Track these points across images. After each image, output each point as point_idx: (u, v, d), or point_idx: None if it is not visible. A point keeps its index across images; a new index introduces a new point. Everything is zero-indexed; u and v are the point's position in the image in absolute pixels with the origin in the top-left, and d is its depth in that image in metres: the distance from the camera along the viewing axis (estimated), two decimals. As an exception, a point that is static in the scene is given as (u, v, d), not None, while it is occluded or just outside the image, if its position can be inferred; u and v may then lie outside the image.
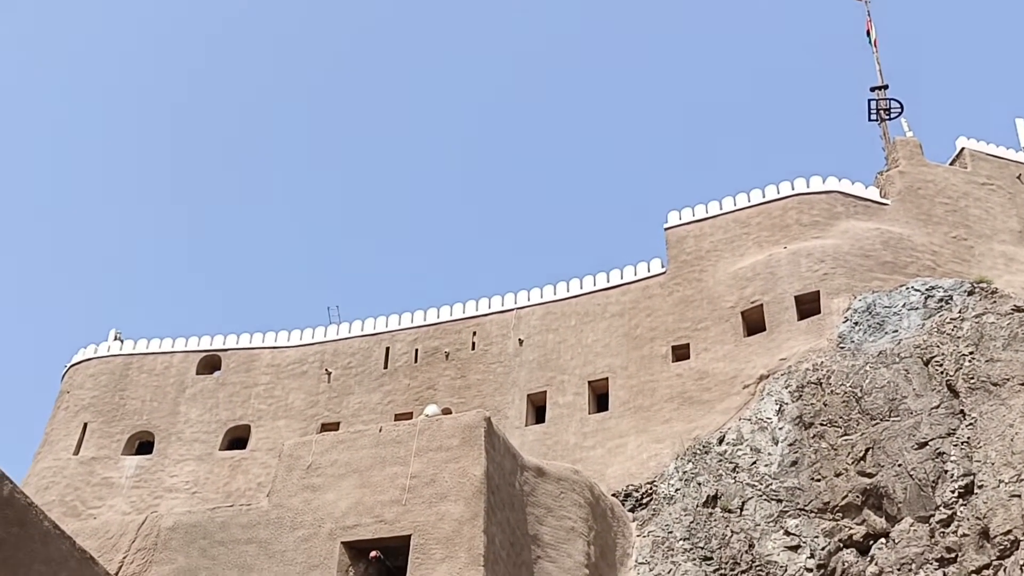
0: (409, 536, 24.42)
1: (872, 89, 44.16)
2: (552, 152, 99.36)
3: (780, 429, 30.54)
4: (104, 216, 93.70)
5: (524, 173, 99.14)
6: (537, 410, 36.96)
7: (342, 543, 24.85)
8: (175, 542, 26.19)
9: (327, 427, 37.80)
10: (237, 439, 39.48)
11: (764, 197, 38.70)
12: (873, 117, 43.43)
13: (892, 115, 43.18)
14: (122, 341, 42.84)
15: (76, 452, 38.73)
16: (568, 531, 27.58)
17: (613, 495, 30.89)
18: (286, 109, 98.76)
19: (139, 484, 36.58)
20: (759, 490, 29.57)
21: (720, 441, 31.29)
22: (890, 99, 43.39)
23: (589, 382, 36.46)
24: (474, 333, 39.51)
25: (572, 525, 27.73)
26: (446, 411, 32.37)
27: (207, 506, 28.15)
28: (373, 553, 24.76)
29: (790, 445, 30.04)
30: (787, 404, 30.96)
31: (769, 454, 30.21)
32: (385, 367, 39.71)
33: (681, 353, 35.76)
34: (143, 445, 39.61)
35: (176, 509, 28.80)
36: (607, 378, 36.19)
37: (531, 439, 35.05)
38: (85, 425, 39.72)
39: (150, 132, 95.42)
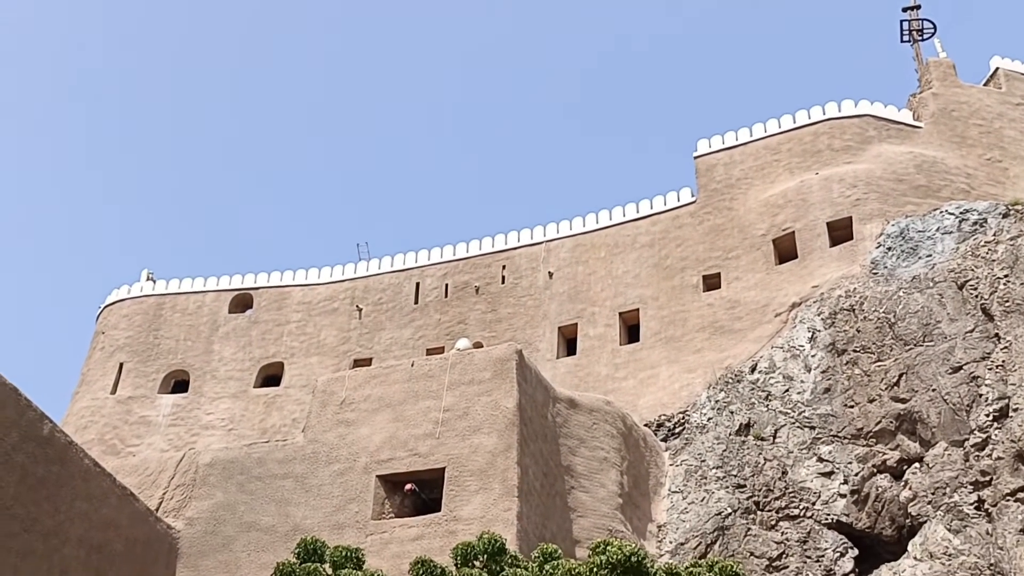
0: (443, 469, 24.61)
1: (904, 9, 43.23)
2: (581, 82, 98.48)
3: (813, 356, 30.41)
4: (135, 155, 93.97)
5: (553, 104, 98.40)
6: (568, 342, 36.98)
7: (377, 476, 25.09)
8: (213, 478, 26.54)
9: (359, 363, 38.03)
10: (271, 376, 39.81)
11: (795, 123, 38.16)
12: (905, 38, 42.58)
13: (924, 36, 42.30)
14: (154, 281, 43.11)
15: (113, 392, 39.20)
16: (601, 461, 27.71)
17: (645, 425, 30.97)
18: (311, 37, 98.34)
19: (176, 422, 37.02)
20: (792, 417, 29.54)
21: (752, 370, 31.22)
22: (922, 19, 42.48)
23: (620, 313, 36.39)
24: (504, 267, 39.45)
25: (605, 455, 27.85)
26: (477, 345, 32.46)
27: (243, 443, 28.50)
28: (408, 486, 24.99)
29: (823, 372, 29.93)
30: (820, 331, 30.79)
31: (802, 382, 30.12)
32: (416, 302, 39.80)
33: (712, 282, 35.58)
34: (178, 384, 40.03)
35: (213, 446, 29.17)
36: (638, 309, 36.10)
37: (562, 371, 35.12)
38: (121, 365, 40.16)
39: (180, 68, 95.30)
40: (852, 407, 28.99)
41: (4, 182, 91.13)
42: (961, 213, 32.21)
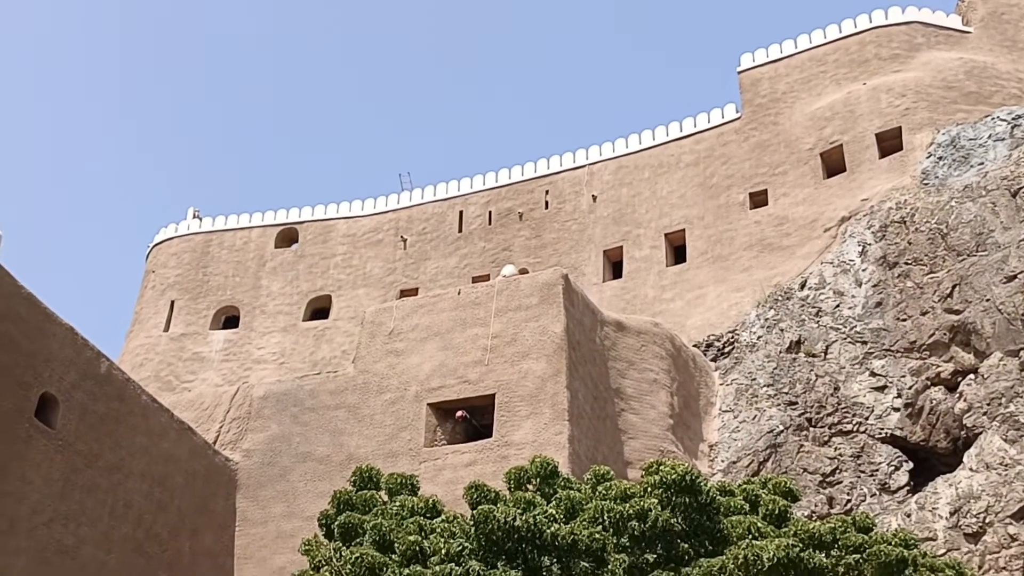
0: (493, 395, 24.74)
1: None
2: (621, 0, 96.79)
3: (863, 271, 30.05)
4: (176, 93, 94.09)
5: (593, 22, 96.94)
6: (614, 265, 36.83)
7: (428, 405, 25.27)
8: (267, 410, 26.91)
9: (406, 293, 38.19)
10: (319, 310, 40.12)
11: (840, 32, 37.31)
12: (953, -60, 41.29)
13: (973, -63, 40.98)
14: (200, 219, 43.42)
15: (166, 329, 39.73)
16: (650, 383, 27.70)
17: (694, 346, 30.88)
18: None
19: (228, 357, 37.49)
20: (843, 333, 29.30)
21: (802, 286, 30.93)
22: (971, -80, 41.12)
23: (665, 234, 36.13)
24: (547, 192, 39.24)
25: (654, 377, 27.84)
26: (522, 271, 32.39)
27: (295, 375, 28.82)
28: (459, 413, 25.17)
29: (874, 286, 29.60)
30: (870, 245, 30.38)
31: (853, 296, 29.81)
32: (460, 231, 39.76)
33: (759, 199, 35.17)
34: (229, 320, 40.47)
35: (265, 379, 29.54)
36: (684, 229, 35.81)
37: (609, 295, 35.03)
38: (172, 303, 40.64)
39: (217, 2, 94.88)
40: (904, 320, 28.68)
41: (50, 126, 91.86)
42: (1013, 119, 31.45)
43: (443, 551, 16.23)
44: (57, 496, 20.46)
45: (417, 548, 16.42)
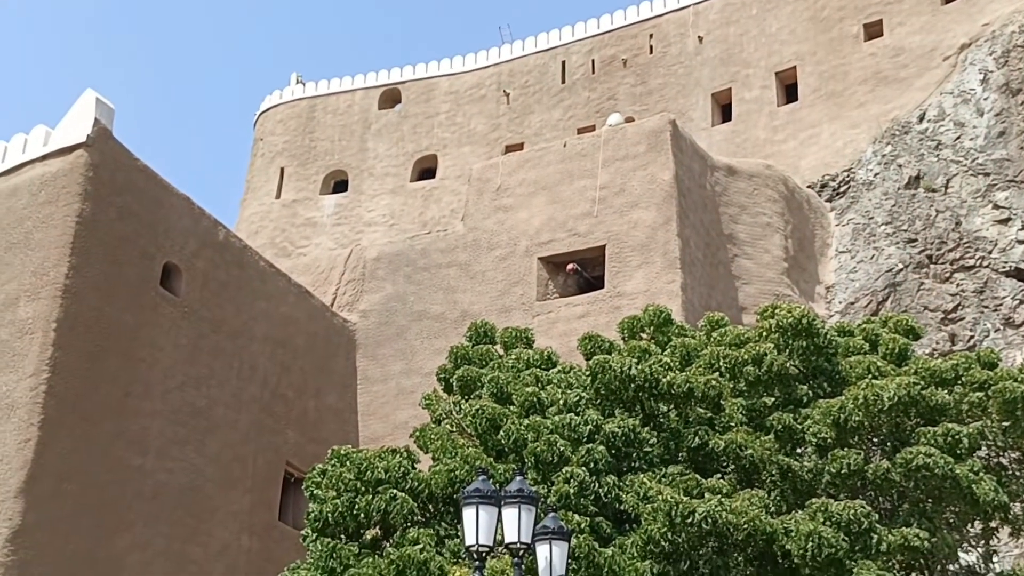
0: (603, 246, 24.63)
1: None
2: None
3: (985, 99, 28.68)
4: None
5: None
6: (723, 109, 35.86)
7: (539, 259, 25.32)
8: (381, 271, 27.32)
9: (511, 148, 37.90)
10: (426, 170, 40.19)
11: None
12: None
13: None
14: (304, 84, 43.52)
15: (278, 196, 40.36)
16: (764, 227, 27.23)
17: (808, 187, 30.13)
18: None
19: (340, 221, 38.01)
20: (964, 165, 28.20)
21: (920, 119, 29.73)
22: None
23: (776, 73, 34.89)
24: (651, 36, 38.13)
25: (767, 221, 27.34)
26: (629, 120, 31.79)
27: (405, 236, 29.08)
28: (570, 266, 25.17)
29: (996, 115, 28.27)
30: (992, 72, 28.90)
31: (974, 127, 28.56)
32: (563, 82, 39.07)
33: (873, 30, 33.58)
34: (338, 184, 40.88)
35: (377, 241, 29.90)
36: (795, 67, 34.51)
37: (718, 139, 34.23)
38: (282, 170, 41.16)
39: None
40: (1030, 150, 27.43)
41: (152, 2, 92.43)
42: None
43: (560, 401, 16.44)
44: (186, 361, 21.26)
45: (535, 399, 16.65)
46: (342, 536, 15.65)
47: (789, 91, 34.71)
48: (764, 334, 17.18)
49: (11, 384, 18.48)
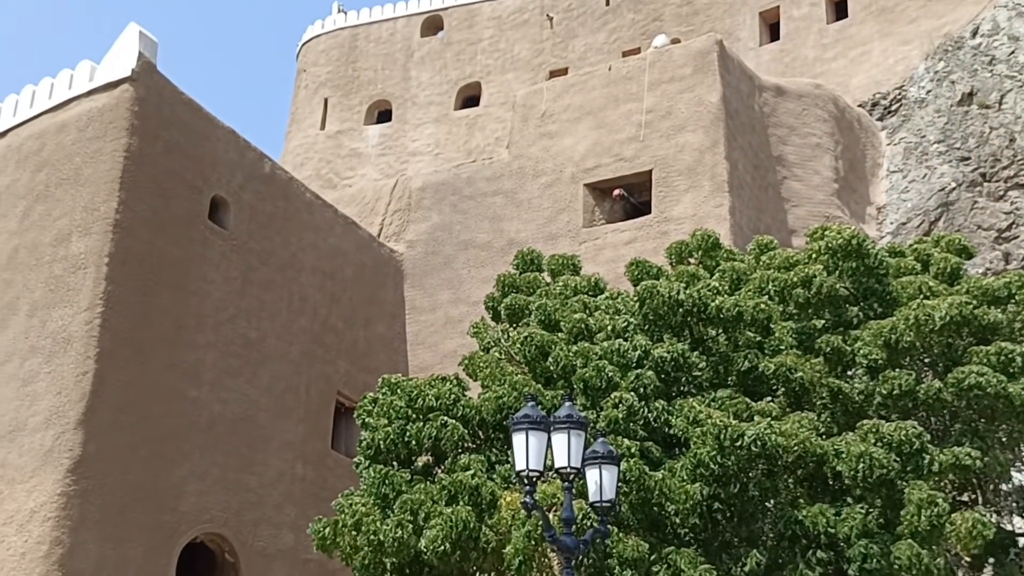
0: (650, 171, 24.41)
1: None
2: None
3: (1043, 12, 27.87)
4: None
5: None
6: (771, 27, 35.14)
7: (585, 185, 25.16)
8: (427, 201, 27.32)
9: (555, 74, 37.48)
10: (470, 98, 39.93)
11: None
12: None
13: None
14: (345, 13, 43.24)
15: (322, 128, 40.37)
16: (813, 148, 26.82)
17: (859, 106, 29.56)
18: None
19: (384, 152, 37.99)
20: (1019, 81, 27.47)
21: (974, 34, 28.94)
22: None
23: (825, -12, 34.10)
24: (695, -45, 37.34)
25: (817, 141, 26.92)
26: (674, 41, 31.26)
27: (451, 165, 29.00)
28: (616, 191, 24.99)
29: (1055, 28, 27.48)
30: (1050, -17, 28.06)
31: (1031, 41, 27.78)
32: (607, 4, 38.47)
33: (925, -57, 32.65)
34: (382, 114, 40.77)
35: (422, 171, 29.86)
36: (845, -18, 33.72)
37: (767, 59, 33.60)
38: (326, 101, 41.10)
39: None
40: (1089, 63, 26.69)
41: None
42: None
43: (609, 327, 16.44)
44: (237, 293, 21.48)
45: (583, 326, 16.68)
46: (394, 463, 15.88)
47: (839, 8, 33.89)
48: (814, 256, 17.02)
49: (67, 318, 18.80)
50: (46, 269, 19.52)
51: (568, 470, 12.04)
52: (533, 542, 13.64)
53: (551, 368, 16.11)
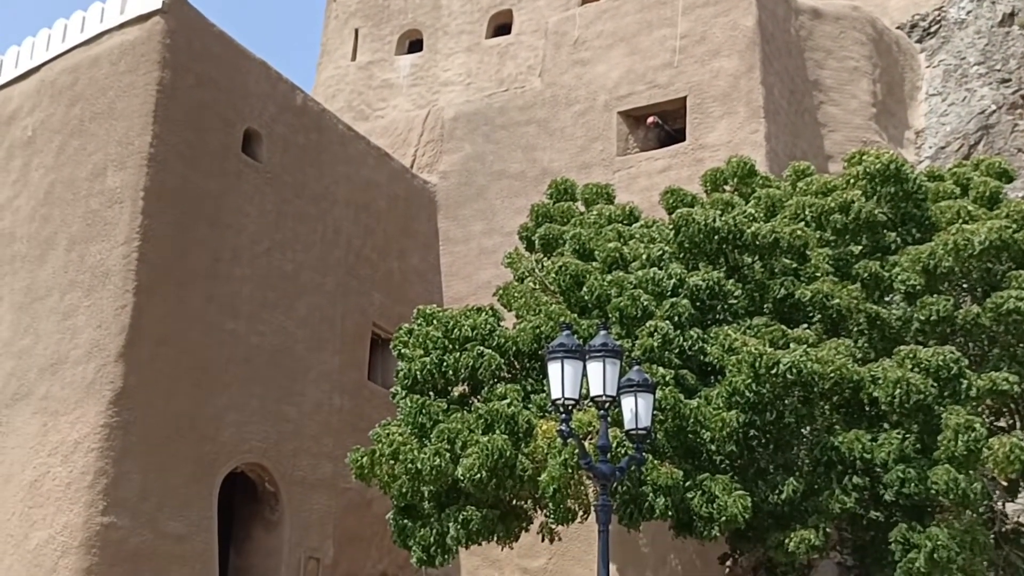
0: (684, 98, 24.10)
1: None
2: None
3: (1089, -73, 27.07)
4: None
5: None
6: (806, -51, 34.38)
7: (618, 113, 24.91)
8: (459, 131, 27.20)
9: (587, 0, 36.96)
10: (501, 26, 39.39)
11: None
12: None
13: None
14: (374, -58, 42.65)
15: (353, 59, 40.00)
16: (851, 72, 26.37)
17: (897, 28, 28.97)
18: None
19: (416, 82, 37.66)
20: (1065, 0, 26.82)
21: (1017, -49, 28.22)
22: None
23: (862, -92, 33.27)
24: None
25: (855, 65, 26.45)
26: (708, -36, 30.65)
27: (483, 95, 28.77)
28: (650, 119, 24.73)
29: (1102, -56, 26.72)
30: None
31: (1076, -42, 27.03)
32: (639, -72, 37.73)
33: None
34: (413, 44, 40.35)
35: (454, 101, 29.65)
36: (882, -99, 32.86)
37: (802, -19, 32.91)
38: (356, 31, 40.69)
39: None
40: None
41: None
42: None
43: (643, 256, 16.39)
44: (272, 226, 21.55)
45: (617, 255, 16.63)
46: (430, 393, 16.01)
47: (877, -73, 33.12)
48: (851, 181, 16.85)
49: (104, 252, 18.96)
50: (83, 203, 19.65)
51: (603, 398, 12.10)
52: (569, 470, 13.77)
53: (586, 298, 16.12)
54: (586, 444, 12.81)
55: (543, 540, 15.67)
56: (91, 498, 17.43)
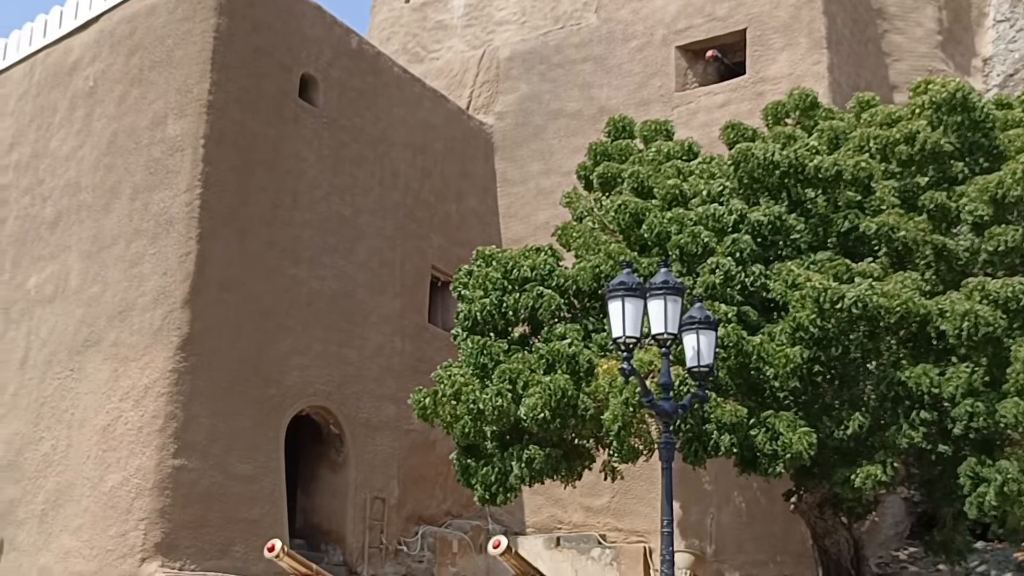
0: (744, 30, 23.63)
1: None
2: None
3: None
4: None
5: None
6: None
7: (676, 47, 24.51)
8: (515, 71, 27.00)
9: (643, -67, 36.27)
10: (556, -38, 38.91)
11: None
12: None
13: None
14: None
15: (407, 0, 39.86)
16: (915, -1, 25.67)
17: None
18: None
19: (471, 22, 37.31)
20: None
21: None
22: None
23: None
24: None
25: (919, -8, 25.72)
26: None
27: (538, 33, 28.47)
28: (709, 53, 24.32)
29: None
30: None
31: None
32: None
33: None
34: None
35: (510, 40, 29.38)
36: None
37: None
38: (408, -27, 40.46)
39: None
40: None
41: None
42: None
43: (703, 192, 16.21)
44: (330, 171, 21.62)
45: (677, 191, 16.45)
46: (491, 334, 16.05)
47: None
48: (917, 111, 16.47)
49: (167, 200, 19.17)
50: (145, 152, 19.85)
51: (665, 336, 12.05)
52: (631, 408, 13.76)
53: (645, 236, 15.99)
54: (648, 382, 12.77)
55: (605, 479, 15.74)
56: (162, 441, 17.80)
